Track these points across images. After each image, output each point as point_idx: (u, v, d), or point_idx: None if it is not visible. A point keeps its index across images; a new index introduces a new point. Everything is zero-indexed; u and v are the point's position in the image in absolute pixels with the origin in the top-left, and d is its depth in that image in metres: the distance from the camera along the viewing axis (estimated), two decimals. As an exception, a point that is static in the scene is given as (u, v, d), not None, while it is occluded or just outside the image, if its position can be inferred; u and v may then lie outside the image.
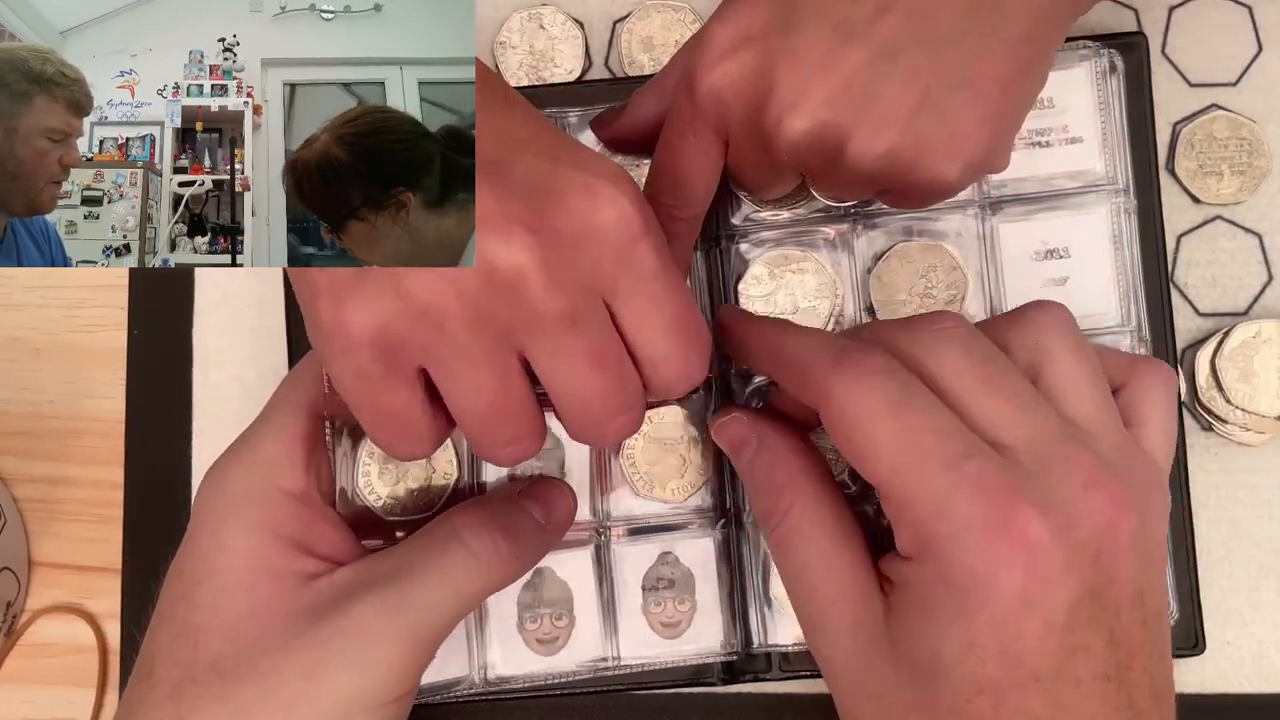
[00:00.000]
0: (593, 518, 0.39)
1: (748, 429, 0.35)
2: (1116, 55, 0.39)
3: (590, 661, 0.38)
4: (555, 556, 0.39)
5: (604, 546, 0.39)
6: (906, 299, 0.39)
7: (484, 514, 0.33)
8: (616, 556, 0.39)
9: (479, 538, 0.32)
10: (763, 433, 0.34)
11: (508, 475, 0.38)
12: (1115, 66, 0.39)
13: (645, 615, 0.39)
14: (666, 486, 0.38)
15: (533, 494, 0.35)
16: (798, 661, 0.39)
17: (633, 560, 0.39)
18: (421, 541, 0.33)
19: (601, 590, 0.39)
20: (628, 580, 0.39)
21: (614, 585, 0.39)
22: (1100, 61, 0.39)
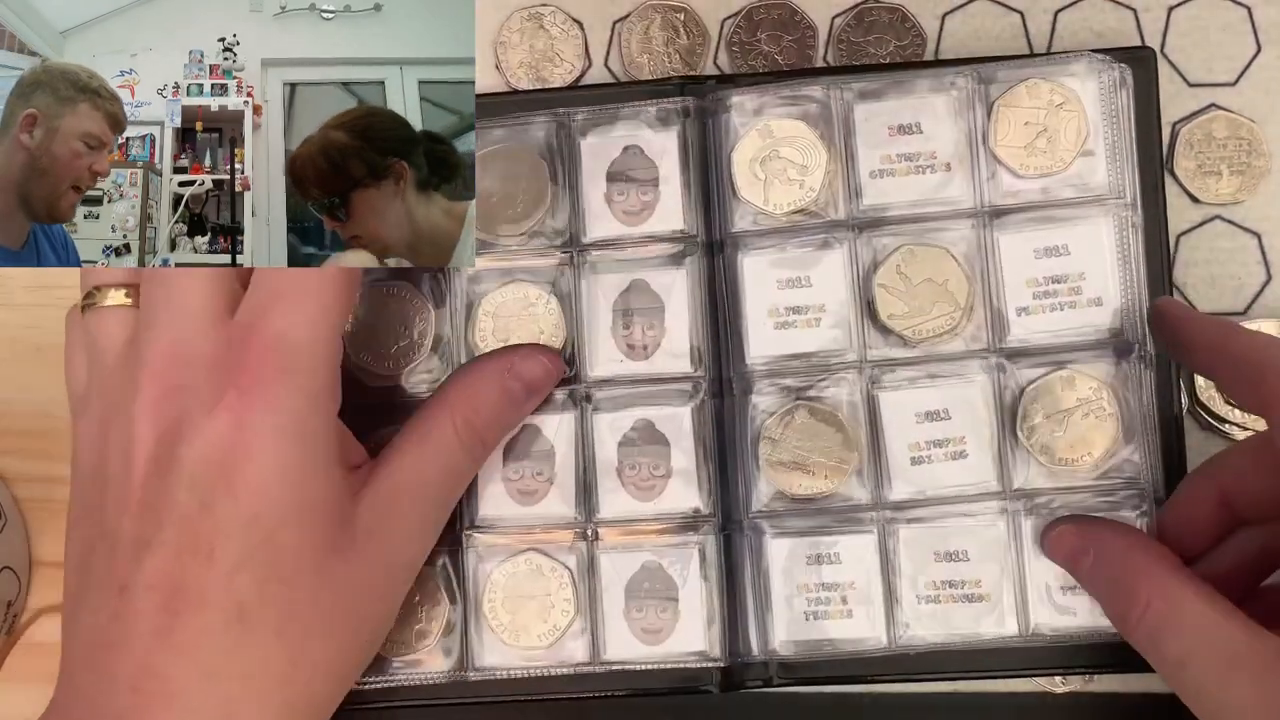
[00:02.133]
0: (579, 520, 0.39)
1: (1079, 538, 0.35)
2: (1127, 70, 0.38)
3: (575, 664, 0.38)
4: (541, 559, 0.39)
5: (590, 550, 0.39)
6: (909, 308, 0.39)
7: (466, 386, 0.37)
8: (602, 561, 0.39)
9: (458, 413, 0.36)
10: (1097, 536, 0.35)
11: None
12: (1125, 81, 0.38)
13: (627, 620, 0.38)
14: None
15: (518, 373, 0.37)
16: (797, 668, 0.39)
17: (618, 565, 0.39)
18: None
19: (586, 591, 0.39)
20: (611, 584, 0.39)
21: (600, 589, 0.39)
22: (1110, 75, 0.38)
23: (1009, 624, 0.38)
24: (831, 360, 0.39)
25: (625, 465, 0.39)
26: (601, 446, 0.39)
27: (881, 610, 0.38)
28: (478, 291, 0.39)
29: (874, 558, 0.38)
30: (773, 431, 0.39)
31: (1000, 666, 0.38)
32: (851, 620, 0.38)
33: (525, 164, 0.39)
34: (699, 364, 0.39)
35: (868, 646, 0.38)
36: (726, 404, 0.39)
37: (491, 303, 0.39)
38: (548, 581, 0.38)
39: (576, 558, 0.39)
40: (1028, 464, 0.38)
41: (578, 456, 0.39)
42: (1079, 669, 0.39)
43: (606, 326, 0.39)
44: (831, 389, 0.39)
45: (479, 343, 0.39)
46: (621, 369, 0.39)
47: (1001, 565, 0.38)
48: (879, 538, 0.38)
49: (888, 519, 0.38)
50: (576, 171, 0.39)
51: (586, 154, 0.39)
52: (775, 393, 0.39)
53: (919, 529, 0.38)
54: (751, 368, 0.39)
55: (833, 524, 0.39)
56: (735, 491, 0.39)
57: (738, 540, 0.39)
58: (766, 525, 0.39)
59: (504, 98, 0.41)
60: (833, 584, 0.38)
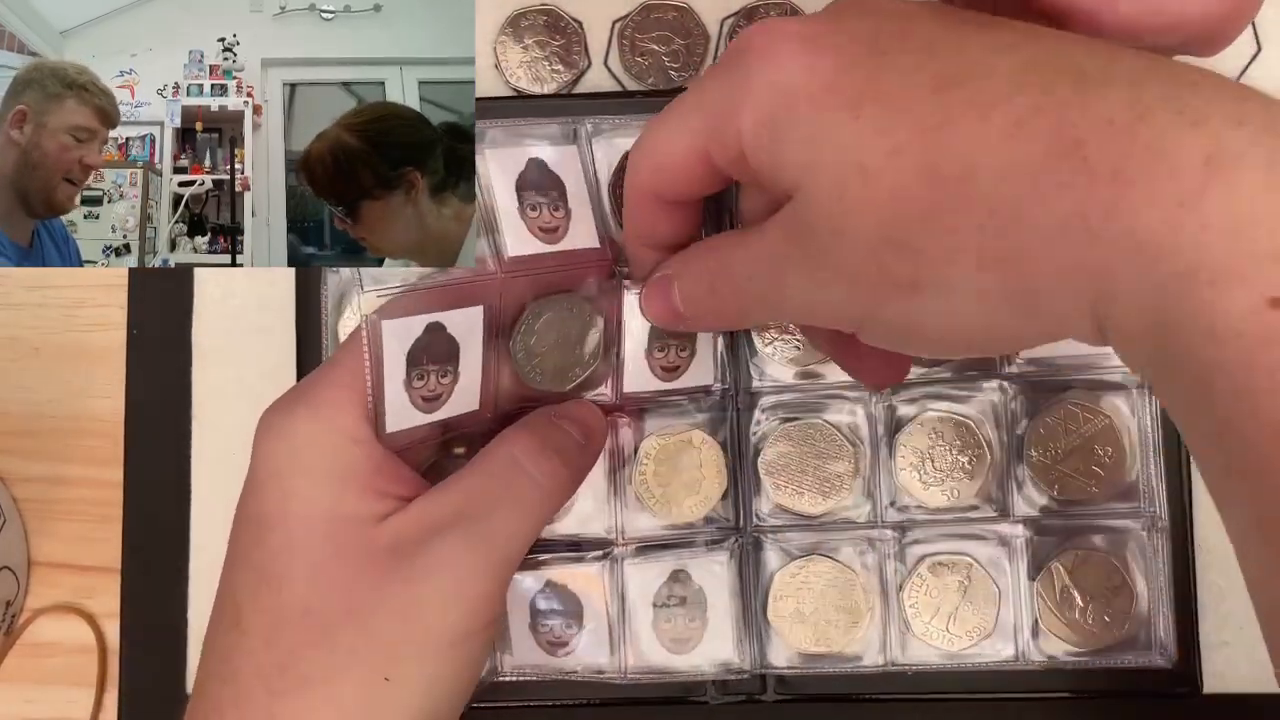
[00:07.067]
0: (606, 534, 0.39)
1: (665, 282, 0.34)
2: None
3: (596, 668, 0.38)
4: (568, 569, 0.39)
5: (616, 562, 0.39)
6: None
7: (536, 440, 0.34)
8: (628, 572, 0.39)
9: (539, 464, 0.33)
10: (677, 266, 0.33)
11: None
12: None
13: (655, 630, 0.38)
14: (683, 505, 0.38)
15: (568, 415, 0.36)
16: (794, 684, 0.39)
17: (644, 576, 0.39)
18: (483, 470, 0.33)
19: (611, 605, 0.39)
20: (637, 597, 0.39)
21: (625, 601, 0.39)
22: None
23: (1007, 649, 0.38)
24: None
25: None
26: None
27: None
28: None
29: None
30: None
31: (995, 690, 0.39)
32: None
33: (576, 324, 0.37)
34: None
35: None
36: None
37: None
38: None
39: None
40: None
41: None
42: (1073, 695, 0.39)
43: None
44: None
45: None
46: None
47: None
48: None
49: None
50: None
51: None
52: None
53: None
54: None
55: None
56: (748, 505, 0.39)
57: (746, 555, 0.39)
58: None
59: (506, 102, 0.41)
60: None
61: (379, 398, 0.32)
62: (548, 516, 0.34)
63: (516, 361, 0.35)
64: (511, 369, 0.35)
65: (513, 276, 0.34)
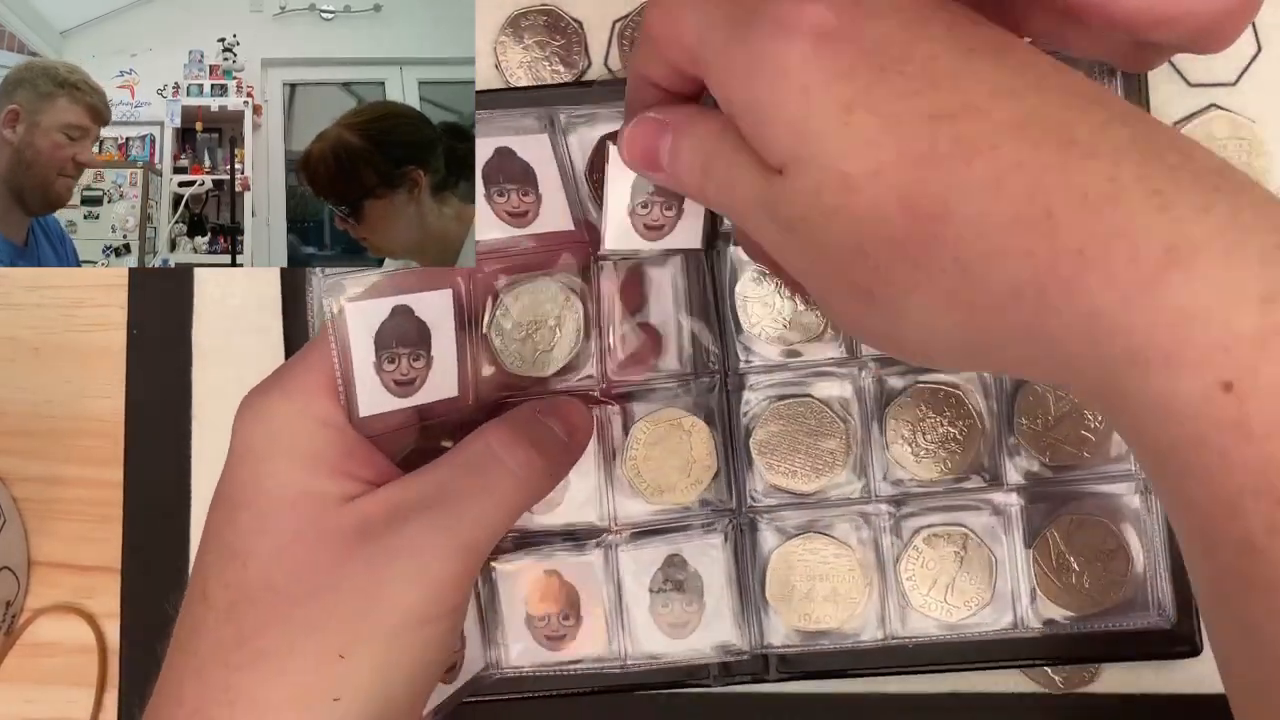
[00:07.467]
0: (600, 521, 0.39)
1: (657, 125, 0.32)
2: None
3: (596, 659, 0.39)
4: (563, 559, 0.39)
5: (611, 549, 0.39)
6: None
7: (514, 432, 0.34)
8: (623, 559, 0.39)
9: (515, 455, 0.33)
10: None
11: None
12: (1114, 70, 0.38)
13: (653, 616, 0.39)
14: (676, 488, 0.38)
15: (552, 411, 0.36)
16: (796, 663, 0.39)
17: (639, 563, 0.39)
18: (459, 460, 0.33)
19: (607, 594, 0.39)
20: (633, 583, 0.39)
21: (621, 588, 0.39)
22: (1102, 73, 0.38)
23: (1005, 617, 0.38)
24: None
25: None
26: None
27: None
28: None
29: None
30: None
31: (994, 658, 0.39)
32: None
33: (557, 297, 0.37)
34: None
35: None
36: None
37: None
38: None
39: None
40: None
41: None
42: (1072, 660, 0.39)
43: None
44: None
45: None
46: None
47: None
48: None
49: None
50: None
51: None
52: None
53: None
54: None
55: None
56: (743, 487, 0.39)
57: (741, 536, 0.39)
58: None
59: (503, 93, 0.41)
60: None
61: (349, 381, 0.32)
62: (522, 508, 0.34)
63: (492, 343, 0.35)
64: (490, 354, 0.35)
65: (482, 259, 0.35)
